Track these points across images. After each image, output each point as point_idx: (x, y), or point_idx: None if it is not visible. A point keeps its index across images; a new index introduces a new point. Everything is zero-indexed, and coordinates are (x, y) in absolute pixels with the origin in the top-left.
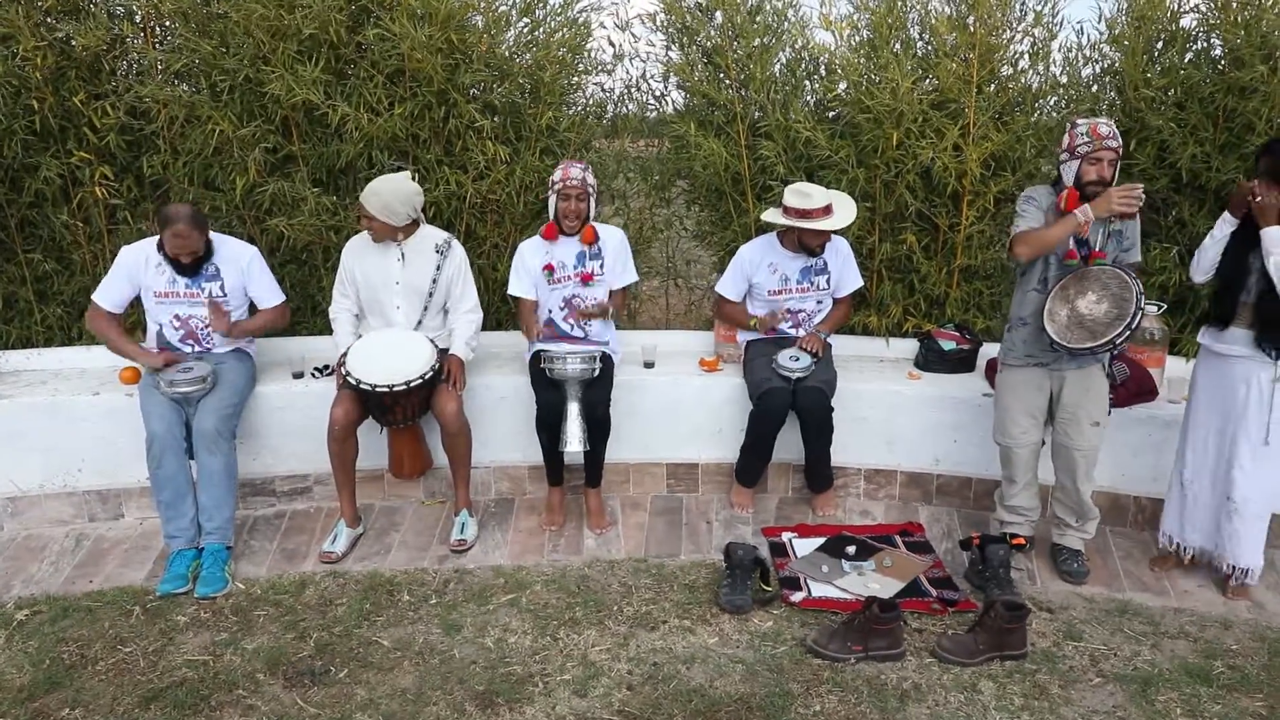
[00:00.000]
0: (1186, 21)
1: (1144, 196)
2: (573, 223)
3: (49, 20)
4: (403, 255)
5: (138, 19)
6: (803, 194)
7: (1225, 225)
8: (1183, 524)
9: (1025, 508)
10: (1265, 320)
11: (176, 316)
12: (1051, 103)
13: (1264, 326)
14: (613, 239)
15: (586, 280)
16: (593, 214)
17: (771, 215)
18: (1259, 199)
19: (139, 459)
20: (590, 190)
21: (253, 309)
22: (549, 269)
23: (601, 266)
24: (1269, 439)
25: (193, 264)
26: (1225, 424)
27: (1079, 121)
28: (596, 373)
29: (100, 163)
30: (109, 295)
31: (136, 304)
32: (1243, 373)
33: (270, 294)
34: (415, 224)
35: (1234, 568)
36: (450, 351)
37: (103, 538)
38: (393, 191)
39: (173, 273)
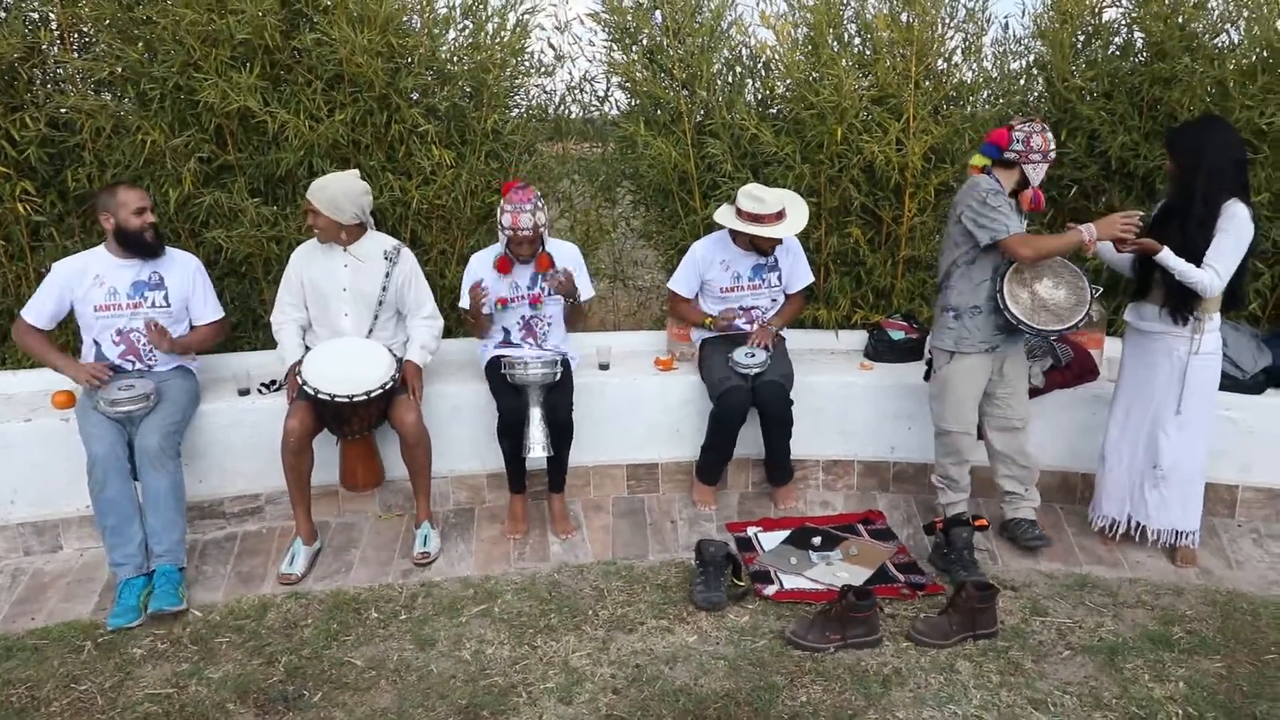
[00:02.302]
0: (1109, 15)
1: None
2: (526, 254)
3: None
4: (349, 262)
5: (54, 26)
6: (756, 198)
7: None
8: (1101, 497)
9: (966, 484)
10: (1175, 295)
11: (118, 331)
12: (985, 96)
13: (1174, 301)
14: (567, 258)
15: (535, 303)
16: (546, 242)
17: (724, 216)
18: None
19: (76, 486)
20: (543, 229)
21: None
22: (502, 303)
23: (562, 275)
24: (1180, 408)
25: (156, 246)
26: (1149, 397)
27: (1046, 127)
28: (558, 377)
29: (20, 178)
30: (38, 311)
31: (66, 324)
32: (1164, 348)
33: (210, 309)
34: (362, 228)
35: (1160, 532)
36: (405, 358)
37: (41, 571)
38: (339, 187)
39: (112, 283)
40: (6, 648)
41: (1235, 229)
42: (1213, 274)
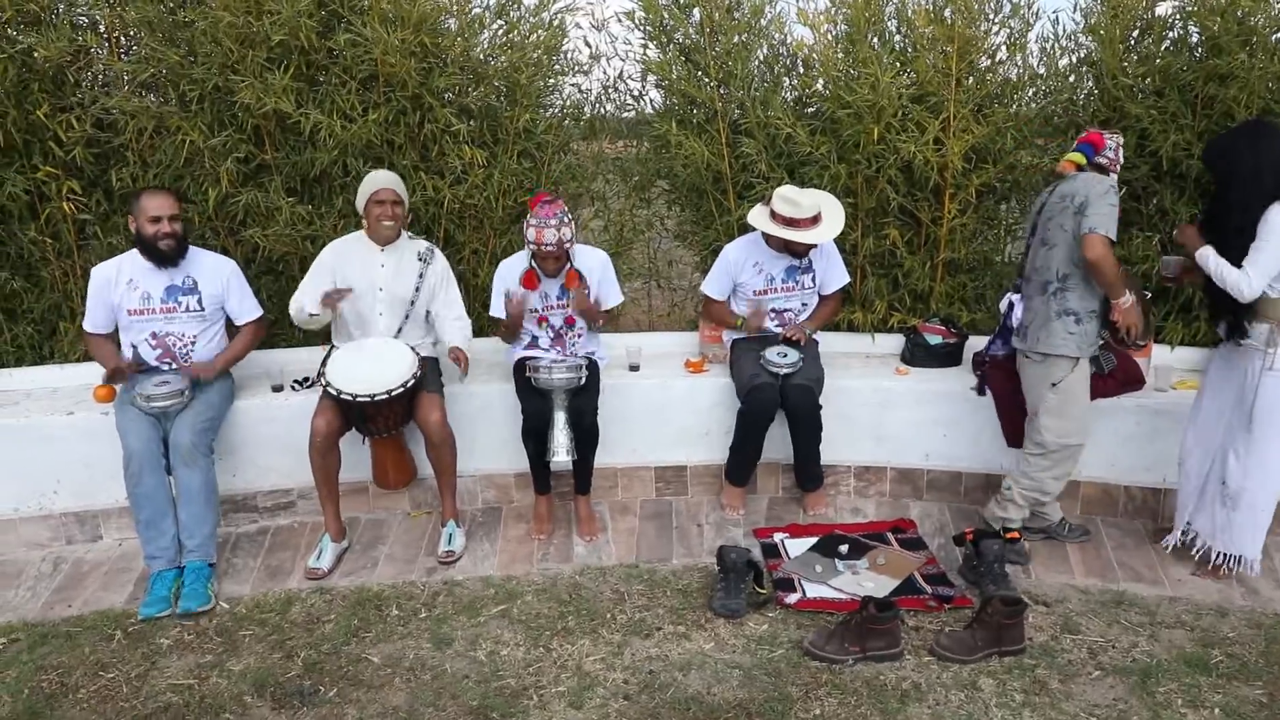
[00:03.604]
0: (1162, 9)
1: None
2: (552, 269)
3: (9, 32)
4: (386, 262)
5: (101, 29)
6: (792, 202)
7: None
8: (1179, 505)
9: None
10: (1219, 308)
11: (153, 334)
12: (1030, 94)
13: (1220, 316)
14: (596, 266)
15: (570, 324)
16: (574, 257)
17: (757, 217)
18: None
19: (116, 479)
20: (569, 244)
21: (228, 325)
22: (541, 320)
23: (588, 295)
24: (1251, 425)
25: (173, 255)
26: (1223, 407)
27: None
28: (582, 381)
29: (67, 177)
30: (93, 321)
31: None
32: (1244, 358)
33: (248, 309)
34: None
35: (1226, 556)
36: (451, 345)
37: (81, 560)
38: (387, 175)
39: (146, 288)
40: (42, 634)
41: (1270, 232)
42: (1245, 276)
